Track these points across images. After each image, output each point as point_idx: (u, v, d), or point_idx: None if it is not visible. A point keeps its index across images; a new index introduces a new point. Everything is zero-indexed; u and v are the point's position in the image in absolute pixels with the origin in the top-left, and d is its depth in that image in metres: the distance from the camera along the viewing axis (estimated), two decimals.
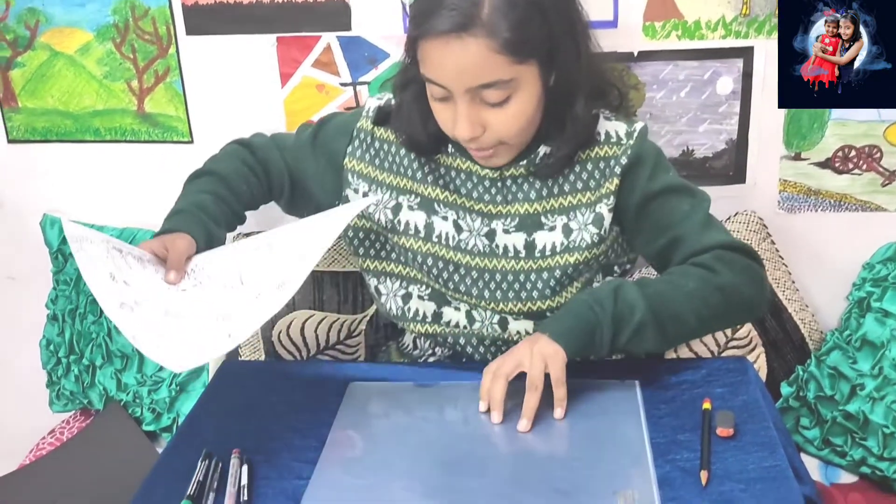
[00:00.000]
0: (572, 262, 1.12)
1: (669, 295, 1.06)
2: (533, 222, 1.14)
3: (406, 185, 1.18)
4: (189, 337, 0.99)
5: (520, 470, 0.96)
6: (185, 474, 0.99)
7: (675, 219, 1.12)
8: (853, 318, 1.49)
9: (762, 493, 0.90)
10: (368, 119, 1.20)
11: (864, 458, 1.38)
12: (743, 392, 1.09)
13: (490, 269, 1.15)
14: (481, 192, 1.15)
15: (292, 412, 1.11)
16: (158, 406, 1.58)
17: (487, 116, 1.04)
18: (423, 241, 1.17)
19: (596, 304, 1.04)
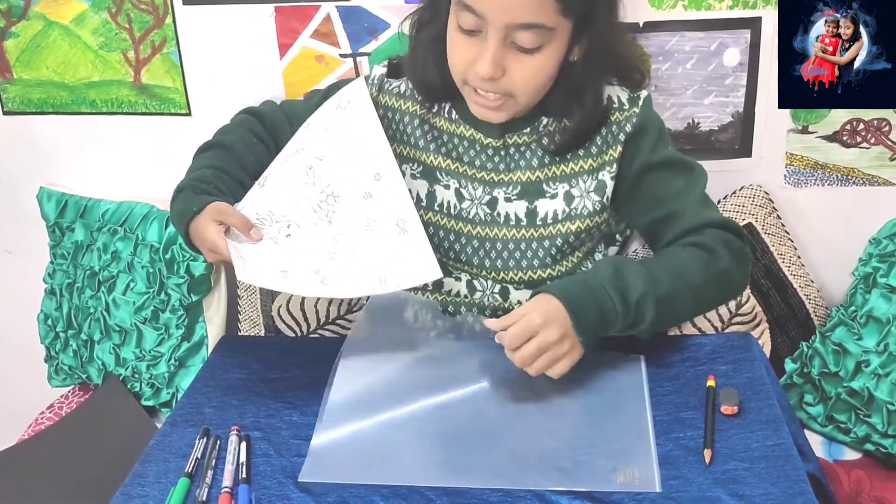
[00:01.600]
0: (574, 231, 1.12)
1: (678, 297, 1.04)
2: (535, 190, 1.13)
3: (409, 153, 1.18)
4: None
5: (521, 447, 0.95)
6: (183, 451, 0.99)
7: (672, 193, 1.11)
8: (859, 294, 1.47)
9: (766, 472, 0.89)
10: (374, 86, 1.20)
11: (868, 434, 1.37)
12: (747, 369, 1.08)
13: (491, 238, 1.15)
14: (483, 161, 1.15)
15: (291, 388, 1.10)
16: (157, 381, 1.57)
17: (511, 62, 1.03)
18: (424, 210, 1.17)
19: (623, 311, 1.00)
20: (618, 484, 0.89)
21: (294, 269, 1.05)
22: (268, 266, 1.05)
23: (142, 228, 1.58)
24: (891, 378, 1.36)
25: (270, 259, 1.06)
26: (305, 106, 1.27)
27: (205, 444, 0.99)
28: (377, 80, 1.20)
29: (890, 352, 1.38)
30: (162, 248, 1.55)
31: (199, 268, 1.55)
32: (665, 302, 1.02)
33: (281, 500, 0.90)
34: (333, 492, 0.91)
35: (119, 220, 1.60)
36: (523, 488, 0.89)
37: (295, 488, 0.92)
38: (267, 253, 1.07)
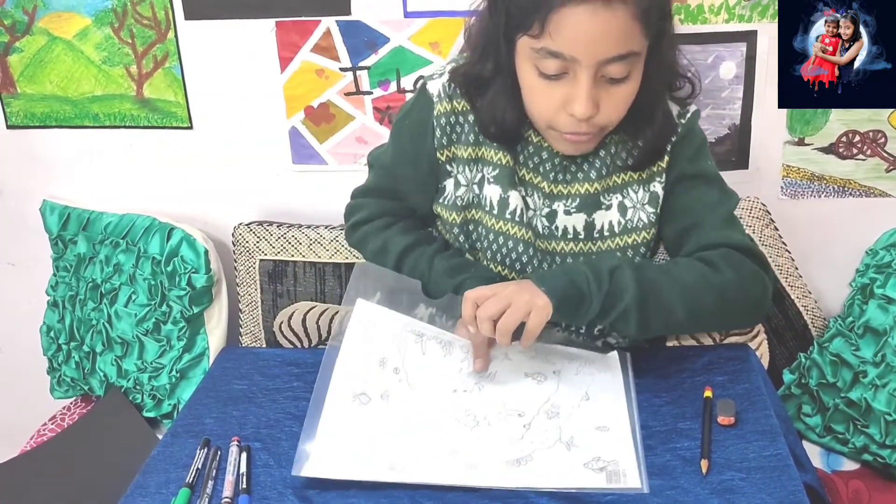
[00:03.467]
0: (630, 244, 1.11)
1: (664, 286, 1.03)
2: (593, 202, 1.11)
3: (487, 155, 1.12)
4: (374, 453, 0.95)
5: (504, 445, 0.97)
6: (184, 462, 0.99)
7: (699, 206, 1.11)
8: (856, 305, 1.48)
9: (762, 482, 0.89)
10: (443, 100, 1.12)
11: (865, 445, 1.38)
12: (744, 380, 1.08)
13: (551, 252, 1.14)
14: (547, 170, 1.12)
15: (292, 399, 1.10)
16: (159, 392, 1.58)
17: (603, 96, 0.99)
18: (495, 217, 1.13)
19: (594, 278, 1.01)
20: (605, 482, 0.90)
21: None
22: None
23: (143, 241, 1.59)
24: (888, 389, 1.36)
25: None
26: (383, 173, 1.21)
27: (205, 455, 0.99)
28: (444, 93, 1.12)
29: (887, 362, 1.38)
30: (164, 261, 1.56)
31: (200, 280, 1.56)
32: (648, 285, 1.01)
33: None
34: (333, 501, 0.91)
35: (121, 232, 1.61)
36: (508, 488, 0.90)
37: (295, 498, 0.92)
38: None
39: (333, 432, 0.98)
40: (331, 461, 0.94)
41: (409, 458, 0.95)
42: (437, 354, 1.09)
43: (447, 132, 1.13)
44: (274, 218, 1.63)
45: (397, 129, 1.19)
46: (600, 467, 0.92)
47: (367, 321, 1.09)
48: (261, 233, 1.58)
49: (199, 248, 1.56)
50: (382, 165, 1.21)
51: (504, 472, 0.92)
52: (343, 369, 1.05)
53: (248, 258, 1.59)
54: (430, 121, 1.13)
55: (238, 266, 1.60)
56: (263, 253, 1.57)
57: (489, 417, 1.00)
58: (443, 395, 1.04)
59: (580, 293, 1.01)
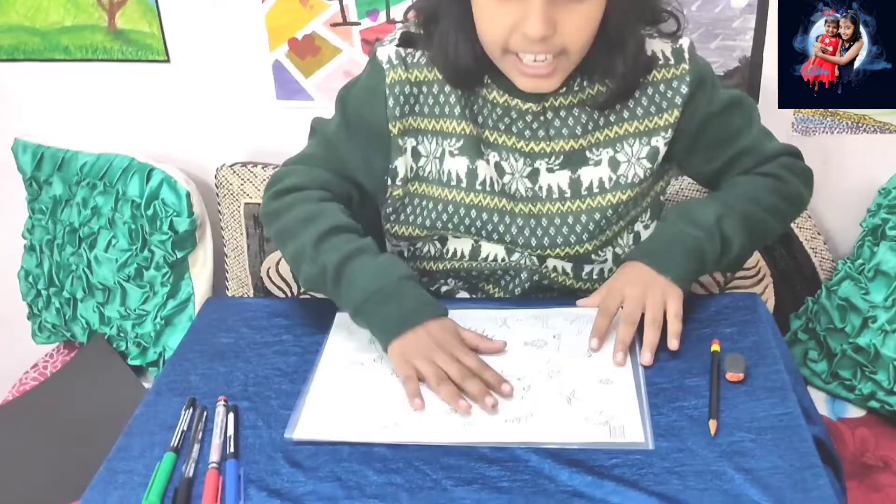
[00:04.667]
0: (624, 200, 1.08)
1: (757, 216, 1.07)
2: (578, 158, 1.07)
3: (448, 127, 1.08)
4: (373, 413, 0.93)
5: (509, 402, 0.94)
6: (168, 422, 0.96)
7: (734, 133, 1.10)
8: (866, 247, 1.44)
9: (773, 444, 0.87)
10: (395, 67, 1.06)
11: (873, 392, 1.36)
12: (753, 332, 1.05)
13: (535, 215, 1.10)
14: (522, 128, 1.07)
15: (280, 354, 1.07)
16: (144, 340, 1.55)
17: (561, 15, 0.93)
18: (465, 191, 1.09)
19: (706, 237, 1.03)
20: (607, 436, 0.88)
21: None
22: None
23: (122, 182, 1.53)
24: None
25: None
26: (325, 141, 1.12)
27: (191, 416, 0.96)
28: (396, 59, 1.06)
29: None
30: (144, 204, 1.51)
31: (182, 224, 1.51)
32: (749, 223, 1.05)
33: (271, 476, 0.88)
34: (325, 466, 0.88)
35: (98, 173, 1.55)
36: (507, 443, 0.88)
37: (285, 463, 0.89)
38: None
39: (326, 394, 0.95)
40: (323, 423, 0.92)
41: (404, 417, 0.92)
42: None
43: (401, 102, 1.06)
44: (259, 158, 1.58)
45: (343, 96, 1.12)
46: (603, 421, 0.90)
47: (346, 327, 1.07)
48: (245, 175, 1.53)
49: (181, 191, 1.51)
50: (324, 134, 1.13)
51: (503, 429, 0.89)
52: (330, 353, 1.03)
53: (233, 201, 1.54)
54: (382, 89, 1.06)
55: (222, 210, 1.56)
56: (248, 196, 1.53)
57: None
58: None
59: (701, 261, 1.03)
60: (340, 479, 0.86)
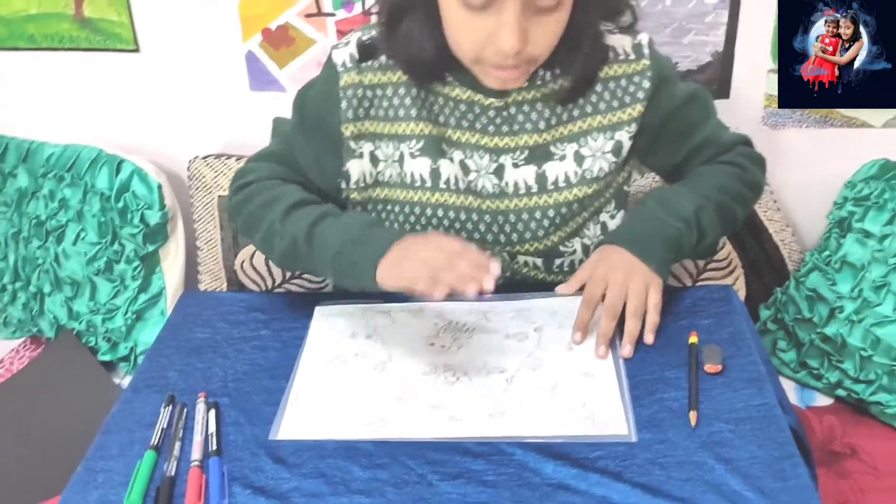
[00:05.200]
0: (590, 194, 1.09)
1: (728, 205, 1.10)
2: (542, 153, 1.08)
3: (406, 130, 1.08)
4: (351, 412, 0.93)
5: (490, 396, 0.94)
6: (147, 420, 0.95)
7: (695, 125, 1.13)
8: (833, 239, 1.47)
9: (751, 434, 0.88)
10: (349, 71, 1.07)
11: (840, 380, 1.39)
12: (728, 323, 1.06)
13: (502, 211, 1.10)
14: (485, 123, 1.07)
15: (259, 350, 1.06)
16: (114, 335, 1.52)
17: (532, 27, 0.93)
18: (430, 191, 1.09)
19: (685, 228, 1.05)
20: (591, 429, 0.89)
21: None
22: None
23: (90, 174, 1.50)
24: (864, 324, 1.37)
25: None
26: (283, 139, 1.15)
27: (170, 413, 0.95)
28: (351, 63, 1.06)
29: (864, 297, 1.38)
30: (113, 196, 1.49)
31: (153, 217, 1.49)
32: (719, 210, 1.08)
33: (255, 473, 0.87)
34: (309, 462, 0.88)
35: (65, 165, 1.52)
36: (491, 438, 0.88)
37: (269, 459, 0.89)
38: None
39: (308, 393, 0.95)
40: (307, 422, 0.91)
41: (388, 413, 0.92)
42: (408, 318, 1.07)
43: (354, 105, 1.07)
44: (232, 150, 1.56)
45: (300, 98, 1.13)
46: (586, 414, 0.91)
47: (326, 321, 1.07)
48: (219, 167, 1.51)
49: (152, 183, 1.49)
50: (282, 133, 1.16)
51: (487, 424, 0.90)
52: (311, 350, 1.03)
53: (206, 194, 1.52)
54: (336, 92, 1.07)
55: (195, 202, 1.53)
56: (222, 188, 1.51)
57: (470, 374, 0.97)
58: (419, 349, 1.01)
59: (678, 250, 1.05)
60: (325, 475, 0.86)
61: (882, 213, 1.43)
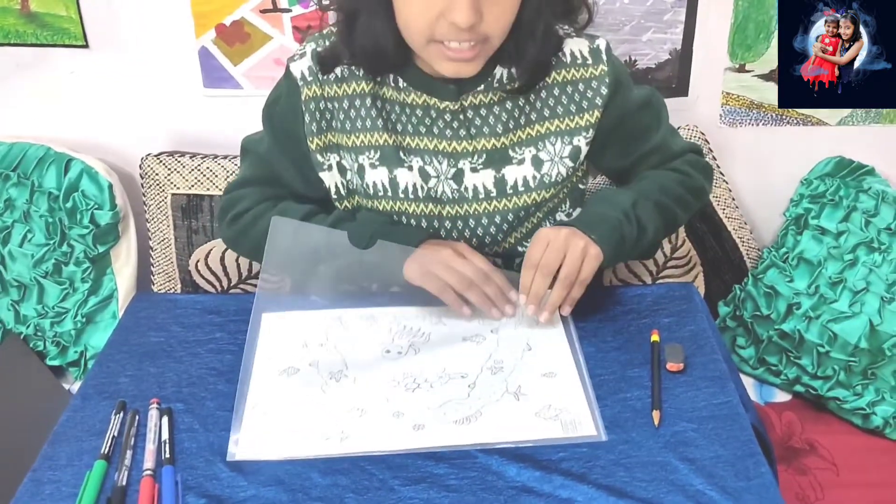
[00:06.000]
0: (548, 198, 1.10)
1: (668, 207, 1.09)
2: (500, 157, 1.07)
3: (365, 140, 1.08)
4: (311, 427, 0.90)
5: (455, 402, 0.92)
6: (97, 428, 0.92)
7: (646, 131, 1.13)
8: (790, 236, 1.49)
9: (714, 433, 0.88)
10: (309, 84, 1.07)
11: (798, 376, 1.40)
12: (690, 321, 1.07)
13: (462, 216, 1.09)
14: (442, 128, 1.07)
15: (215, 353, 1.04)
16: (63, 339, 1.48)
17: (484, 5, 0.93)
18: (389, 199, 1.09)
19: (625, 219, 1.04)
20: (560, 431, 0.88)
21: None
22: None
23: (37, 173, 1.46)
24: (821, 320, 1.38)
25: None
26: (258, 160, 1.14)
27: (121, 420, 0.92)
28: (310, 75, 1.06)
29: (821, 294, 1.40)
30: (62, 196, 1.44)
31: (104, 217, 1.45)
32: (658, 208, 1.07)
33: (210, 482, 0.84)
34: (267, 469, 0.85)
35: (11, 164, 1.47)
36: (460, 446, 0.86)
37: (225, 467, 0.86)
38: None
39: (263, 408, 0.92)
40: (264, 440, 0.88)
41: (349, 426, 0.89)
42: (361, 324, 1.05)
43: (317, 119, 1.08)
44: (186, 148, 1.52)
45: (268, 115, 1.13)
46: (553, 415, 0.90)
47: (276, 329, 1.04)
48: (172, 164, 1.47)
49: (103, 182, 1.45)
50: (258, 154, 1.15)
51: (454, 431, 0.88)
52: (262, 361, 0.99)
53: (159, 192, 1.48)
54: (299, 106, 1.08)
55: (147, 201, 1.49)
56: (175, 186, 1.47)
57: (430, 380, 0.95)
58: (376, 357, 1.00)
59: (621, 240, 1.02)
60: (283, 483, 0.84)
61: (837, 210, 1.45)
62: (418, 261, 1.02)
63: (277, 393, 0.94)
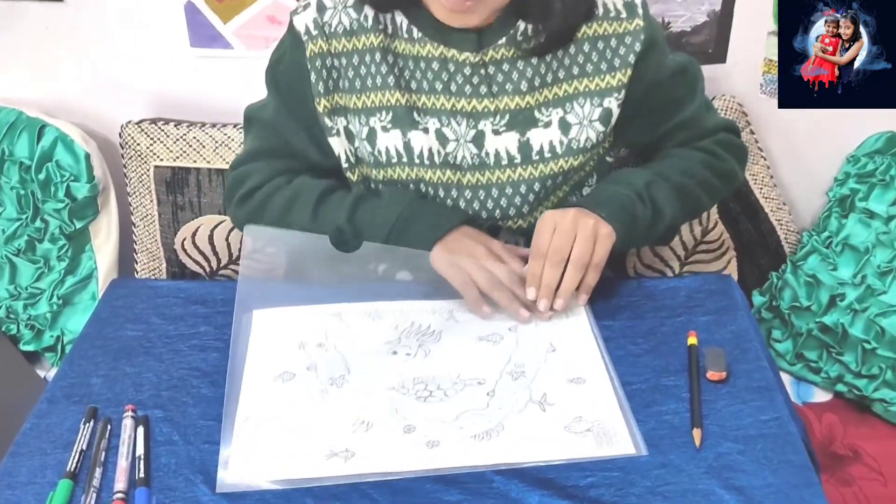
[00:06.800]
0: (576, 166, 1.03)
1: (690, 190, 1.04)
2: (526, 118, 1.01)
3: (375, 101, 1.02)
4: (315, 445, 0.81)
5: (472, 416, 0.84)
6: (64, 439, 0.84)
7: (678, 103, 1.06)
8: (833, 218, 1.41)
9: (763, 456, 0.80)
10: (314, 39, 1.01)
11: (840, 375, 1.34)
12: (731, 321, 0.99)
13: (484, 185, 1.03)
14: (461, 84, 1.00)
15: (198, 350, 0.96)
16: (38, 322, 1.44)
17: None
18: (405, 166, 1.02)
19: (637, 198, 0.99)
20: (594, 448, 0.80)
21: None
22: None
23: (8, 141, 1.40)
24: (867, 314, 1.31)
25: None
26: (266, 126, 1.07)
27: (92, 430, 0.84)
28: (315, 29, 1.01)
29: (868, 284, 1.32)
30: (34, 166, 1.38)
31: (80, 190, 1.38)
32: (677, 191, 1.02)
33: None
34: (255, 492, 0.77)
35: None
36: (481, 466, 0.78)
37: (207, 488, 0.78)
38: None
39: (255, 421, 0.83)
40: (258, 463, 0.79)
41: (354, 442, 0.81)
42: (364, 321, 0.97)
43: (324, 77, 1.02)
44: (170, 114, 1.44)
45: (272, 76, 1.07)
46: (585, 429, 0.82)
47: (268, 327, 0.96)
48: (155, 133, 1.39)
49: (79, 152, 1.39)
50: (264, 122, 1.09)
51: (473, 449, 0.80)
52: (254, 365, 0.91)
53: (141, 164, 1.40)
54: (304, 63, 1.02)
55: (129, 173, 1.42)
56: (159, 158, 1.39)
57: (444, 388, 0.87)
58: (382, 359, 0.91)
59: (633, 220, 0.98)
60: None
61: (888, 192, 1.36)
62: (449, 249, 0.97)
63: (272, 402, 0.86)
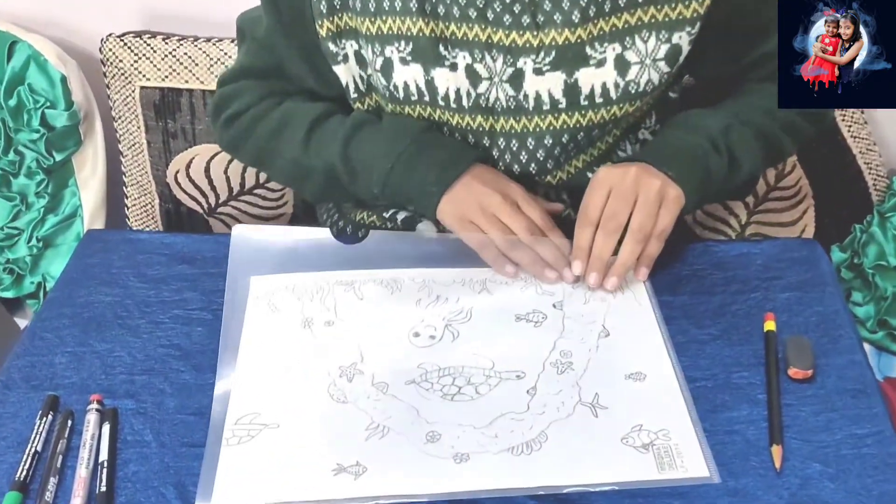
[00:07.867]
0: (631, 111, 0.93)
1: (771, 133, 0.96)
2: (575, 55, 0.89)
3: (393, 27, 0.90)
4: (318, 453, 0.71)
5: (509, 426, 0.73)
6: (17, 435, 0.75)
7: (764, 31, 0.94)
8: None
9: (861, 483, 0.69)
10: None
11: None
12: (817, 300, 0.87)
13: (518, 133, 0.92)
14: (499, 12, 0.88)
15: (181, 323, 0.87)
16: (18, 266, 1.39)
17: None
18: (426, 105, 0.93)
19: (712, 148, 0.91)
20: (655, 470, 0.69)
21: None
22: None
23: None
24: None
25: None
26: (260, 44, 0.99)
27: (49, 426, 0.75)
28: None
29: None
30: (3, 90, 1.29)
31: (59, 117, 1.30)
32: (759, 136, 0.94)
33: None
34: None
35: None
36: (520, 490, 0.68)
37: None
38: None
39: (247, 430, 0.73)
40: (251, 479, 0.69)
41: (366, 453, 0.70)
42: (380, 293, 0.86)
43: None
44: (158, 27, 1.32)
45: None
46: (645, 443, 0.70)
47: (267, 299, 0.87)
48: (140, 48, 1.28)
49: (54, 74, 1.29)
50: (257, 39, 1.00)
51: (509, 466, 0.69)
52: (248, 349, 0.81)
53: (125, 84, 1.29)
54: None
55: (112, 95, 1.32)
56: (145, 77, 1.28)
57: (475, 382, 0.76)
58: (401, 343, 0.81)
59: (706, 174, 0.90)
60: None
61: None
62: (456, 200, 0.89)
63: (270, 400, 0.76)
